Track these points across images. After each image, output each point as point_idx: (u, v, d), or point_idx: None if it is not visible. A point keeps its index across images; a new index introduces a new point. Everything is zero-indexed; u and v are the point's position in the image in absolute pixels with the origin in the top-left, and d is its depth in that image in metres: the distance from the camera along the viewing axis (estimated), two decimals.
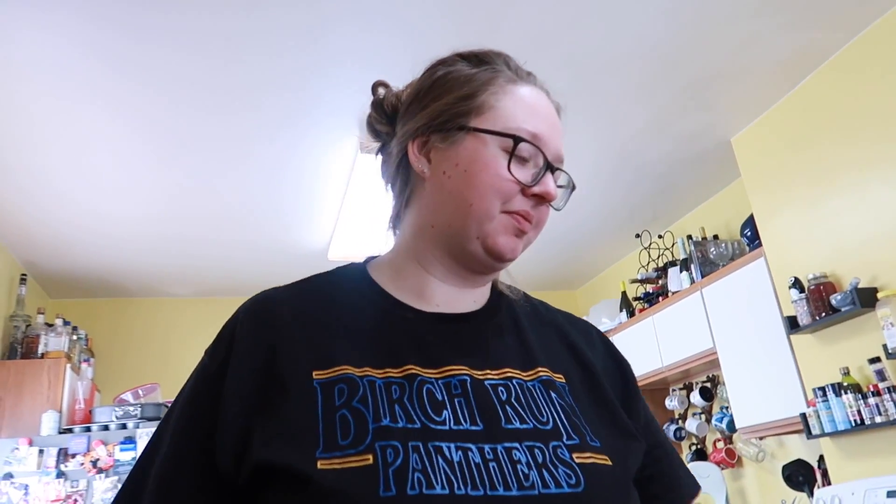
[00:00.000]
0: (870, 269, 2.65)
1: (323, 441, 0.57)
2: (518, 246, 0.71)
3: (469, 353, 0.68)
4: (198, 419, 0.63)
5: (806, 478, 3.21)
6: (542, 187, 0.70)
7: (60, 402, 3.62)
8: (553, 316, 0.81)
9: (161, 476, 0.62)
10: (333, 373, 0.62)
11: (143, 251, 4.03)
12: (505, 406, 0.64)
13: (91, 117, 2.70)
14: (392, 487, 0.54)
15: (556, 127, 0.74)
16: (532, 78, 0.76)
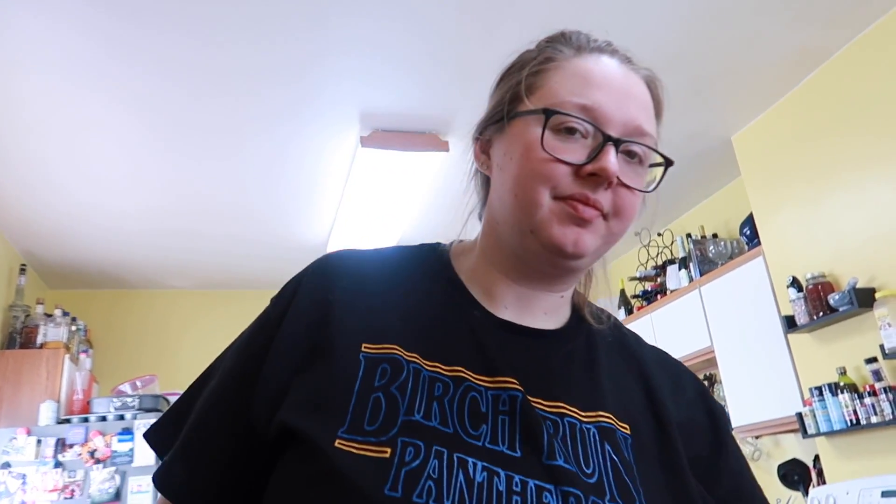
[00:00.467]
0: (868, 269, 2.66)
1: (349, 421, 0.55)
2: (583, 238, 0.60)
3: (527, 371, 0.61)
4: (246, 364, 0.62)
5: (801, 477, 3.22)
6: (596, 164, 0.59)
7: (59, 393, 3.63)
8: (641, 352, 0.72)
9: (201, 412, 0.63)
10: (382, 349, 0.59)
11: (143, 243, 4.03)
12: (552, 440, 0.57)
13: (90, 105, 2.70)
14: (399, 489, 0.51)
15: (627, 94, 0.63)
16: (599, 47, 0.66)
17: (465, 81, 2.76)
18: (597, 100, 0.61)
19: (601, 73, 0.63)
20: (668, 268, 3.97)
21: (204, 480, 0.60)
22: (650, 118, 0.65)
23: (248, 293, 5.06)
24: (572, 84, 0.62)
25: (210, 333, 4.88)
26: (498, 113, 0.66)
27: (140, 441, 3.49)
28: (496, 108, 0.67)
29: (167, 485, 0.61)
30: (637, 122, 0.62)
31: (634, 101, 0.63)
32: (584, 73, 0.62)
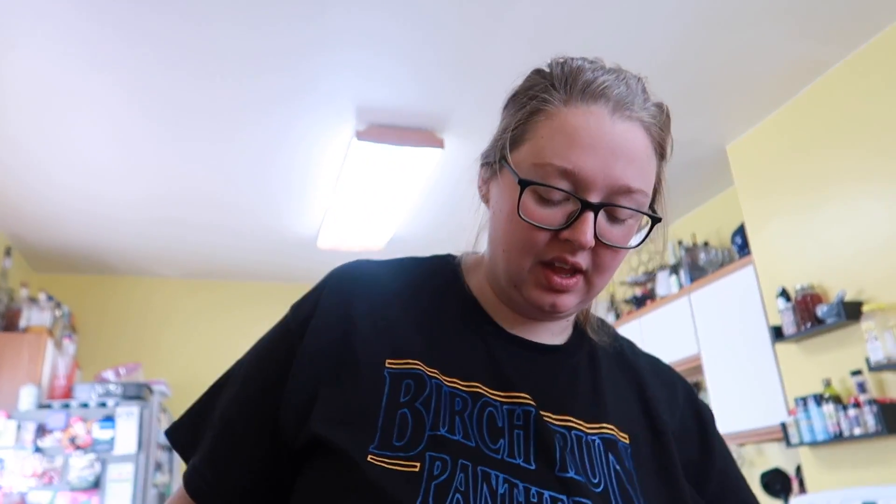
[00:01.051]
0: (857, 282, 2.67)
1: (379, 437, 0.58)
2: (560, 300, 0.63)
3: (538, 387, 0.65)
4: (270, 371, 0.64)
5: (783, 486, 3.23)
6: (570, 232, 0.60)
7: (40, 378, 3.58)
8: (637, 361, 0.76)
9: (225, 418, 0.65)
10: (405, 364, 0.62)
11: (131, 230, 4.00)
12: (562, 451, 0.61)
13: (81, 86, 2.67)
14: (430, 500, 0.55)
15: (614, 152, 0.61)
16: (598, 92, 0.63)
17: (463, 79, 2.75)
18: (579, 164, 0.60)
19: (588, 131, 0.61)
20: (658, 274, 3.98)
21: (231, 485, 0.63)
22: (641, 170, 0.63)
23: (235, 284, 5.03)
24: (557, 143, 0.61)
25: (196, 323, 4.85)
26: (492, 153, 0.68)
27: (122, 429, 3.46)
28: (492, 145, 0.68)
29: (196, 489, 0.64)
30: (622, 182, 0.61)
31: (623, 158, 0.61)
32: (571, 131, 0.61)
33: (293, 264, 4.74)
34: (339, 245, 4.24)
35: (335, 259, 3.99)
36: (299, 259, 4.63)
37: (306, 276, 5.03)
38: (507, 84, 0.72)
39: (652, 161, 0.66)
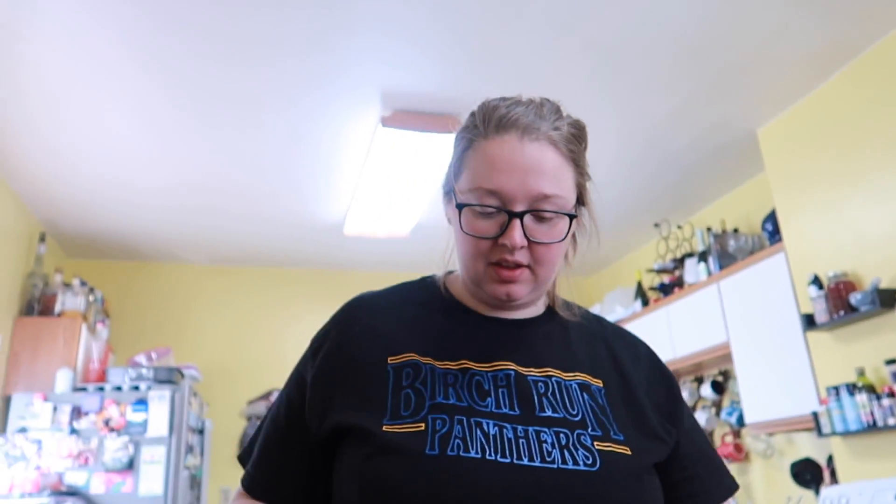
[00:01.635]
0: (891, 269, 2.61)
1: (390, 411, 0.73)
2: (512, 289, 0.79)
3: (517, 353, 0.81)
4: (293, 389, 0.83)
5: (814, 476, 3.19)
6: (504, 238, 0.77)
7: (75, 361, 3.67)
8: (604, 330, 0.90)
9: (268, 432, 0.84)
10: (403, 358, 0.78)
11: (161, 217, 4.06)
12: (542, 398, 0.77)
13: (113, 73, 2.70)
14: (436, 448, 0.70)
15: (530, 169, 0.77)
16: (509, 123, 0.79)
17: (487, 65, 2.73)
18: (500, 184, 0.77)
19: (503, 156, 0.77)
20: (686, 261, 3.93)
21: (279, 480, 0.80)
22: (554, 179, 0.78)
23: (263, 269, 5.09)
24: (482, 170, 0.78)
25: (225, 308, 4.93)
26: (446, 184, 0.86)
27: (154, 411, 3.54)
28: (445, 178, 0.86)
29: (253, 486, 0.83)
30: (538, 191, 0.77)
31: (534, 172, 0.77)
32: (490, 159, 0.78)
33: (320, 251, 4.78)
34: (364, 231, 4.26)
35: (361, 245, 4.04)
36: (326, 245, 4.66)
37: (333, 263, 5.07)
38: (530, 69, 0.84)
39: (565, 169, 0.80)
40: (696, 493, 0.83)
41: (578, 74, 2.81)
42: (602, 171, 3.71)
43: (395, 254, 4.87)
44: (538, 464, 0.71)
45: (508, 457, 0.70)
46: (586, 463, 0.72)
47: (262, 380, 4.83)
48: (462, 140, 0.83)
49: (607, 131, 3.28)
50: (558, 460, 0.72)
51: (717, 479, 0.86)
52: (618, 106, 3.07)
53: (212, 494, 4.49)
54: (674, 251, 4.27)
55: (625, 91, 2.96)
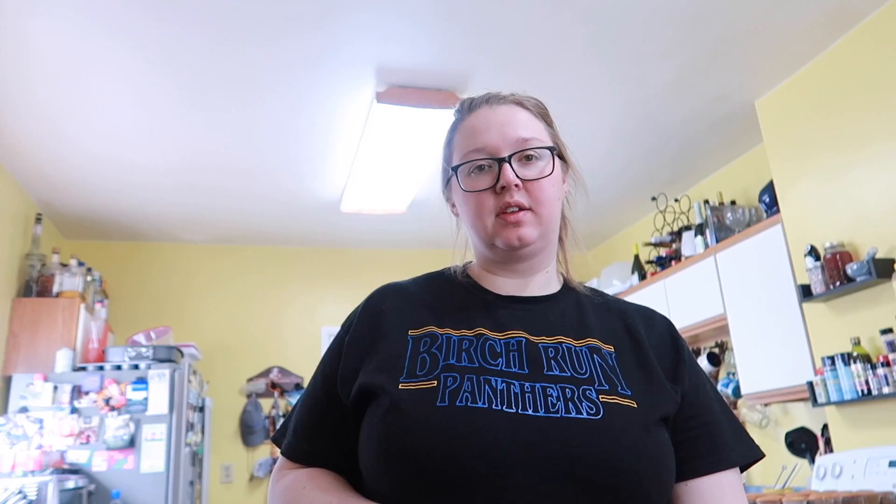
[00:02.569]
0: (888, 239, 2.61)
1: (406, 372, 0.80)
2: (520, 231, 0.85)
3: (529, 324, 0.86)
4: (328, 363, 0.89)
5: (808, 445, 3.22)
6: (500, 181, 0.85)
7: (75, 341, 3.68)
8: (619, 306, 0.95)
9: (306, 400, 0.90)
10: (422, 330, 0.85)
11: (159, 197, 4.04)
12: (551, 360, 0.81)
13: (106, 52, 2.67)
14: (446, 400, 0.75)
15: (505, 122, 0.88)
16: (478, 102, 0.92)
17: (483, 38, 2.70)
18: (482, 140, 0.88)
19: (479, 121, 0.90)
20: (683, 234, 3.93)
21: (318, 443, 0.85)
22: (528, 124, 0.90)
23: (261, 248, 5.09)
24: (467, 139, 0.90)
25: (223, 287, 4.93)
26: (444, 176, 0.96)
27: (154, 390, 3.56)
28: (443, 173, 0.96)
29: (294, 454, 0.87)
30: (516, 136, 0.87)
31: (508, 123, 0.88)
32: (471, 127, 0.90)
33: (317, 228, 4.77)
34: (361, 208, 4.25)
35: (358, 222, 4.02)
36: (323, 223, 4.66)
37: (330, 240, 5.06)
38: (526, 42, 0.93)
39: (536, 121, 0.91)
40: (694, 457, 0.82)
41: (575, 47, 2.79)
42: (600, 145, 3.69)
43: (392, 230, 4.87)
44: (543, 414, 0.75)
45: (514, 407, 0.75)
46: (590, 413, 0.75)
47: (262, 358, 4.86)
48: (448, 134, 0.95)
49: (605, 104, 3.26)
50: (562, 410, 0.75)
51: (717, 447, 0.83)
52: (615, 78, 3.05)
53: (213, 471, 4.53)
54: (671, 224, 4.27)
55: (622, 63, 2.93)
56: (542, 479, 0.71)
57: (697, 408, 0.85)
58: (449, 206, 0.98)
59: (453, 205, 0.96)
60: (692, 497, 0.80)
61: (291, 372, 4.86)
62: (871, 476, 2.51)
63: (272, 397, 4.77)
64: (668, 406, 0.82)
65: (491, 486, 0.71)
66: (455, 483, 0.71)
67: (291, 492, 0.82)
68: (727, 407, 0.88)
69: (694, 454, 0.81)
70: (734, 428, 0.86)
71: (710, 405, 0.86)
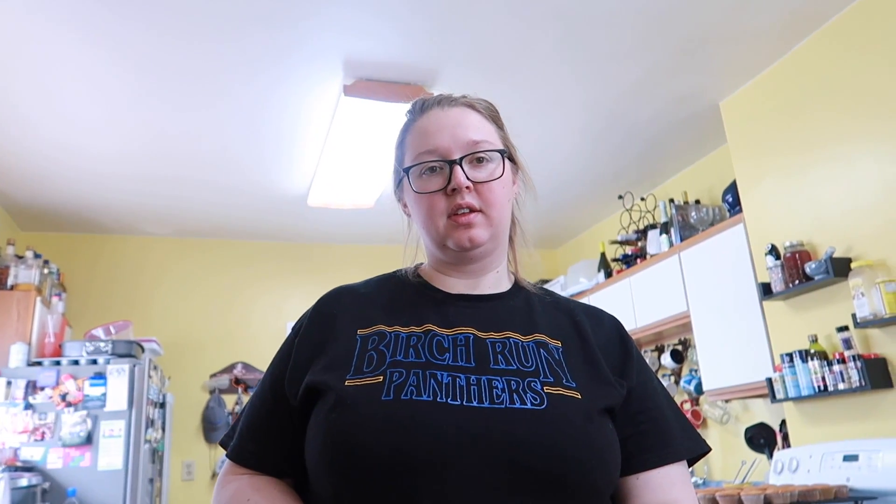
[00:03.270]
0: (846, 239, 2.67)
1: (353, 369, 0.80)
2: (471, 233, 0.86)
3: (478, 321, 0.87)
4: (277, 366, 0.89)
5: (767, 440, 3.29)
6: (451, 183, 0.86)
7: (30, 335, 3.58)
8: (568, 305, 0.96)
9: (254, 404, 0.90)
10: (371, 329, 0.86)
11: (120, 188, 3.95)
12: (497, 354, 0.82)
13: (63, 42, 2.59)
14: (391, 394, 0.76)
15: (457, 125, 0.89)
16: (430, 103, 0.93)
17: (452, 34, 2.69)
18: (434, 142, 0.88)
19: (431, 122, 0.90)
20: (649, 232, 3.98)
21: (265, 447, 0.85)
22: (479, 127, 0.91)
23: (225, 242, 5.01)
24: (418, 140, 0.90)
25: (186, 282, 4.84)
26: (396, 177, 0.97)
27: (113, 386, 3.47)
28: (394, 175, 0.97)
29: (240, 456, 0.86)
30: (467, 138, 0.88)
31: (459, 125, 0.89)
32: (423, 129, 0.91)
33: (284, 223, 4.71)
34: (328, 202, 4.20)
35: (325, 217, 3.98)
36: (290, 217, 4.60)
37: (297, 235, 5.01)
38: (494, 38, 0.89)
39: (486, 123, 0.92)
40: (643, 450, 0.83)
41: (543, 45, 2.79)
42: (567, 144, 3.71)
43: (359, 225, 4.83)
44: (487, 405, 0.75)
45: (459, 399, 0.76)
46: (534, 403, 0.76)
47: (226, 353, 4.78)
48: (400, 135, 0.96)
49: (572, 102, 3.28)
50: (507, 401, 0.76)
51: (666, 440, 0.85)
52: (582, 77, 3.06)
53: (174, 468, 4.45)
54: (637, 223, 4.32)
55: (589, 61, 2.94)
56: (487, 468, 0.71)
57: (645, 403, 0.87)
58: (401, 206, 0.98)
59: (405, 205, 0.97)
60: (642, 490, 0.82)
61: (256, 368, 4.80)
62: (826, 470, 2.57)
63: (236, 393, 4.70)
64: (611, 398, 0.83)
65: (435, 477, 0.71)
66: (399, 474, 0.71)
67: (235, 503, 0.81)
68: (674, 403, 0.91)
69: (643, 447, 0.83)
70: (681, 423, 0.88)
71: (658, 401, 0.88)
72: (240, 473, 0.85)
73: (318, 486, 0.78)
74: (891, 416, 2.50)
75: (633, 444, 0.83)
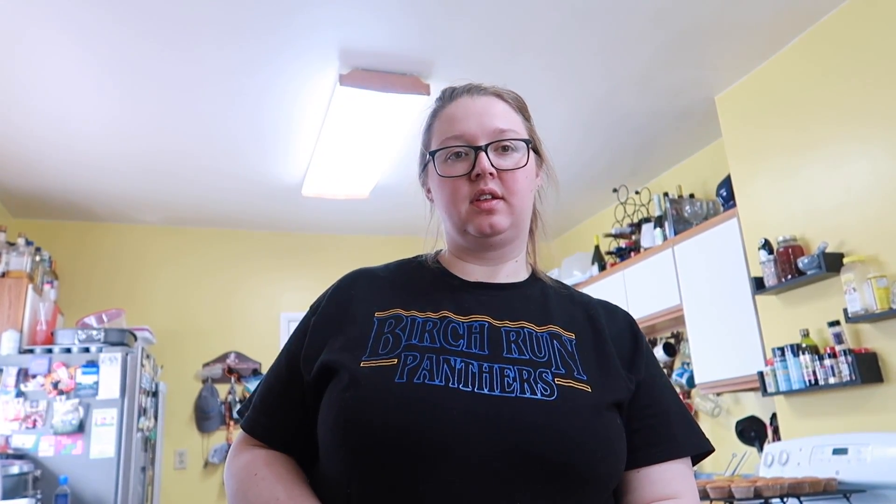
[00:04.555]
0: (838, 234, 2.68)
1: (369, 351, 0.81)
2: (492, 219, 0.88)
3: (494, 309, 0.88)
4: (294, 343, 0.91)
5: (757, 433, 3.31)
6: (476, 169, 0.87)
7: (21, 323, 3.56)
8: (584, 299, 0.97)
9: (269, 380, 0.91)
10: (388, 312, 0.87)
11: (113, 175, 3.92)
12: (511, 343, 0.83)
13: (59, 33, 2.57)
14: (404, 377, 0.77)
15: (484, 113, 0.91)
16: (459, 91, 0.95)
17: (448, 25, 2.67)
18: (461, 128, 0.90)
19: (460, 109, 0.92)
20: (643, 226, 3.98)
21: (278, 421, 0.87)
22: (506, 116, 0.92)
23: (219, 231, 4.99)
24: (446, 126, 0.92)
25: (179, 270, 4.83)
26: (422, 158, 0.98)
27: (105, 374, 3.46)
28: (419, 158, 0.98)
29: (253, 428, 0.88)
30: (493, 126, 0.90)
31: (486, 114, 0.91)
32: (450, 115, 0.92)
33: (278, 212, 4.70)
34: (323, 193, 4.19)
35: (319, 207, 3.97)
36: (284, 207, 4.58)
37: (291, 225, 4.99)
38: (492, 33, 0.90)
39: (513, 113, 0.94)
40: (648, 445, 0.84)
41: (540, 38, 2.78)
42: (562, 136, 3.71)
43: (354, 216, 4.82)
44: (498, 393, 0.76)
45: (470, 386, 0.77)
46: (544, 394, 0.77)
47: (219, 342, 4.78)
48: (427, 120, 0.97)
49: (568, 95, 3.27)
50: (517, 391, 0.77)
51: (670, 436, 0.85)
52: (578, 69, 3.05)
53: (167, 456, 4.45)
54: (631, 216, 4.32)
55: (585, 55, 2.94)
56: (493, 455, 0.72)
57: (653, 398, 0.87)
58: (424, 191, 0.99)
59: (428, 190, 0.98)
60: (644, 483, 0.82)
61: (249, 357, 4.79)
62: (815, 463, 2.59)
63: (229, 383, 4.70)
64: (621, 392, 0.84)
65: (441, 461, 0.72)
66: (406, 456, 0.72)
67: (244, 475, 0.83)
68: (680, 400, 0.92)
69: (648, 442, 0.84)
70: (687, 420, 0.88)
71: (665, 397, 0.89)
72: (252, 445, 0.87)
73: (327, 464, 0.79)
74: (880, 411, 2.52)
75: (638, 438, 0.83)
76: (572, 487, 0.74)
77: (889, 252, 2.49)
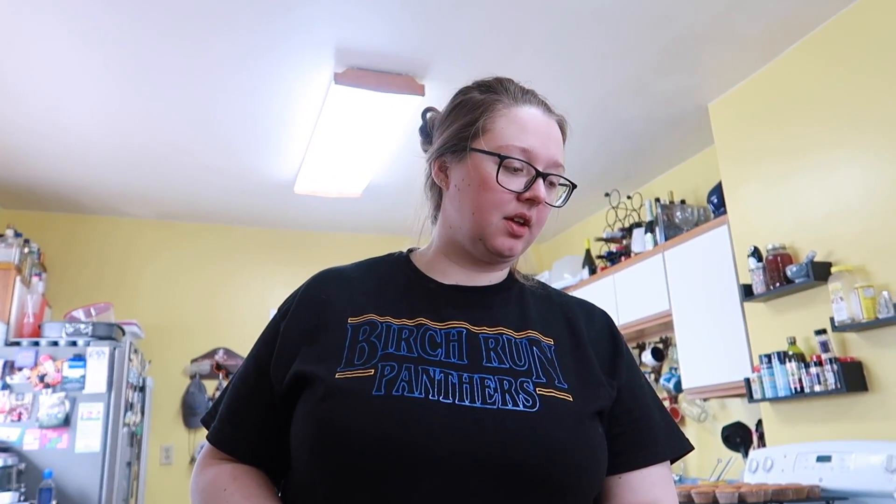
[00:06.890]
0: (827, 244, 2.71)
1: (344, 361, 0.79)
2: (515, 244, 0.86)
3: (471, 314, 0.86)
4: (262, 349, 0.88)
5: (743, 439, 3.34)
6: (532, 192, 0.85)
7: (8, 315, 3.54)
8: (562, 299, 0.96)
9: (236, 387, 0.88)
10: (362, 318, 0.84)
11: (104, 168, 3.90)
12: (490, 351, 0.81)
13: (52, 24, 2.55)
14: (382, 389, 0.75)
15: (550, 137, 0.88)
16: (530, 97, 0.90)
17: (443, 27, 2.68)
18: (530, 144, 0.86)
19: (532, 121, 0.87)
20: (634, 231, 4.00)
21: (246, 434, 0.84)
22: (561, 151, 0.90)
23: (210, 227, 4.97)
24: (513, 130, 0.86)
25: (169, 265, 4.80)
26: (455, 145, 0.89)
27: (92, 368, 3.44)
28: (451, 139, 0.89)
29: (220, 440, 0.85)
30: (555, 158, 0.88)
31: (552, 141, 0.88)
32: (521, 121, 0.87)
33: (269, 209, 4.68)
34: (315, 190, 4.19)
35: (312, 205, 3.97)
36: (275, 203, 4.57)
37: (282, 222, 4.98)
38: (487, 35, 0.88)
39: (562, 147, 0.92)
40: (627, 450, 0.84)
41: (534, 41, 2.79)
42: None
43: (346, 214, 4.82)
44: (479, 405, 0.75)
45: (451, 398, 0.75)
46: (526, 405, 0.76)
47: (207, 339, 4.76)
48: (478, 106, 0.89)
49: (562, 98, 3.24)
50: (499, 402, 0.76)
51: (650, 441, 0.85)
52: (573, 74, 3.07)
53: (153, 452, 4.43)
54: (622, 221, 4.34)
55: (580, 59, 2.95)
56: (475, 468, 0.71)
57: (632, 402, 0.87)
58: (434, 169, 0.92)
59: (441, 169, 0.91)
60: (624, 490, 0.83)
61: (238, 353, 4.78)
62: (799, 470, 2.61)
63: (217, 379, 4.69)
64: (602, 400, 0.83)
65: (424, 476, 0.70)
66: (387, 470, 0.70)
67: (212, 490, 0.81)
68: (659, 401, 0.92)
69: (627, 448, 0.84)
70: (666, 422, 0.89)
71: (645, 400, 0.89)
72: (220, 458, 0.85)
73: (300, 479, 0.77)
74: (864, 419, 2.54)
75: (618, 444, 0.83)
76: (554, 498, 0.74)
77: (876, 262, 2.51)
